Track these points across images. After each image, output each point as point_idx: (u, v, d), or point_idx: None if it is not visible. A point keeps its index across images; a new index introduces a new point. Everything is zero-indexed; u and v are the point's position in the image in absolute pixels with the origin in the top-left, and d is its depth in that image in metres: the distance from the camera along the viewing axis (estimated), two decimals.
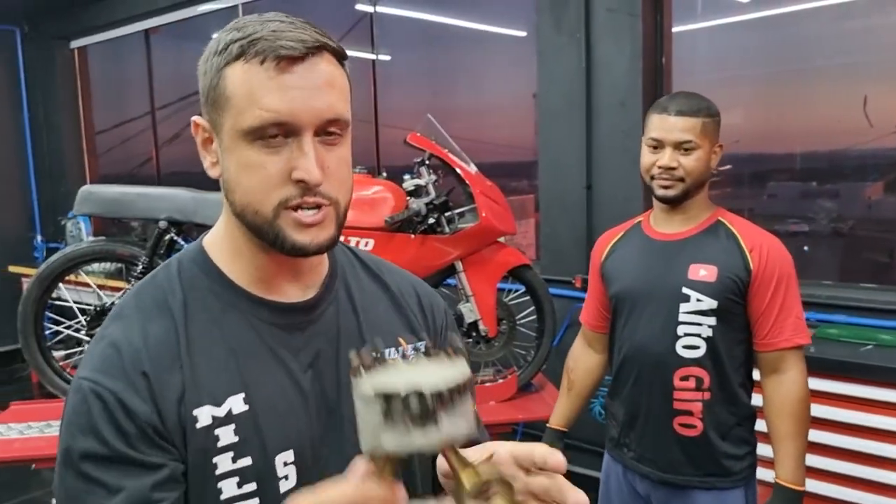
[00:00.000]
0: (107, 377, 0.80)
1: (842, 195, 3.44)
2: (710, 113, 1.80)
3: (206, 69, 0.84)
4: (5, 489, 4.13)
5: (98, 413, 0.79)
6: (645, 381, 1.87)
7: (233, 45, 0.82)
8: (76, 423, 0.79)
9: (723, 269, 1.77)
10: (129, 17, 5.94)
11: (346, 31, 5.27)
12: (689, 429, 1.82)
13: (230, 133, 0.82)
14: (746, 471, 1.84)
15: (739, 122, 3.66)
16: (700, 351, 1.79)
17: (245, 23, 0.84)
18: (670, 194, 1.81)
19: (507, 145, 4.90)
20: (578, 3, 3.50)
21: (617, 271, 1.95)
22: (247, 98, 0.80)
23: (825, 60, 3.38)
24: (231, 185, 0.84)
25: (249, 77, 0.80)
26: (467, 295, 2.82)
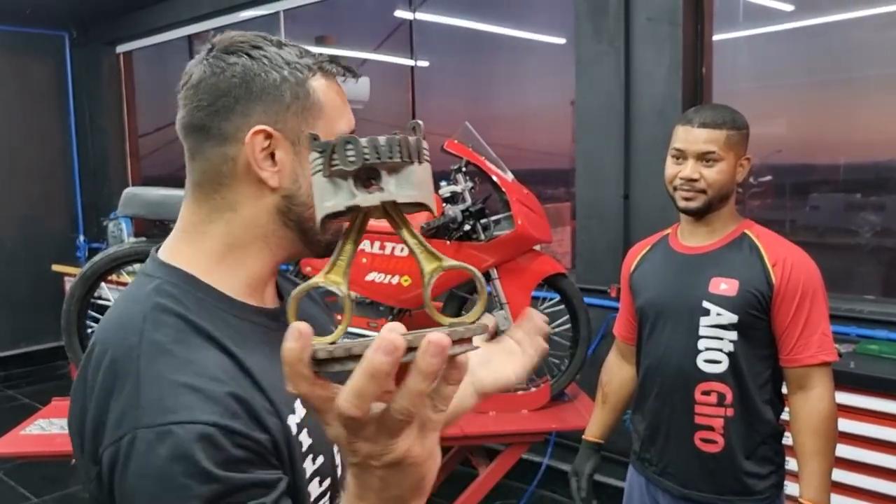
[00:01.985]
0: (196, 412, 0.75)
1: (887, 208, 3.37)
2: (735, 125, 1.78)
3: (279, 80, 0.86)
4: (47, 483, 4.23)
5: (202, 454, 0.73)
6: (667, 395, 1.86)
7: (306, 59, 0.88)
8: (178, 476, 0.72)
9: (744, 283, 1.75)
10: (173, 23, 6.06)
11: (385, 37, 5.32)
12: (710, 444, 1.80)
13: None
14: (770, 490, 1.80)
15: (781, 132, 3.61)
16: (722, 366, 1.77)
17: (279, 39, 0.89)
18: (692, 206, 1.80)
19: (544, 152, 4.90)
20: (618, 11, 3.49)
21: (643, 284, 1.96)
22: (338, 108, 0.89)
23: (870, 70, 3.32)
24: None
25: (333, 90, 0.89)
26: (502, 303, 2.82)
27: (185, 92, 0.88)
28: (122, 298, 0.89)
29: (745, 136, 1.80)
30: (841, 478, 2.58)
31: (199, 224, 0.89)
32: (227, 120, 0.86)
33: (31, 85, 6.68)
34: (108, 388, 0.79)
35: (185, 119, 0.88)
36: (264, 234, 0.89)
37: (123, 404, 0.77)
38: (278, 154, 0.87)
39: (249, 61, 0.86)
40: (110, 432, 0.77)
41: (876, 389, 2.53)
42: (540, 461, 3.46)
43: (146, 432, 0.74)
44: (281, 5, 5.33)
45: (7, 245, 6.56)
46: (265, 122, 0.86)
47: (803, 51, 3.54)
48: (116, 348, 0.81)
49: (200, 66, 0.88)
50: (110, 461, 0.76)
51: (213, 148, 0.87)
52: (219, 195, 0.88)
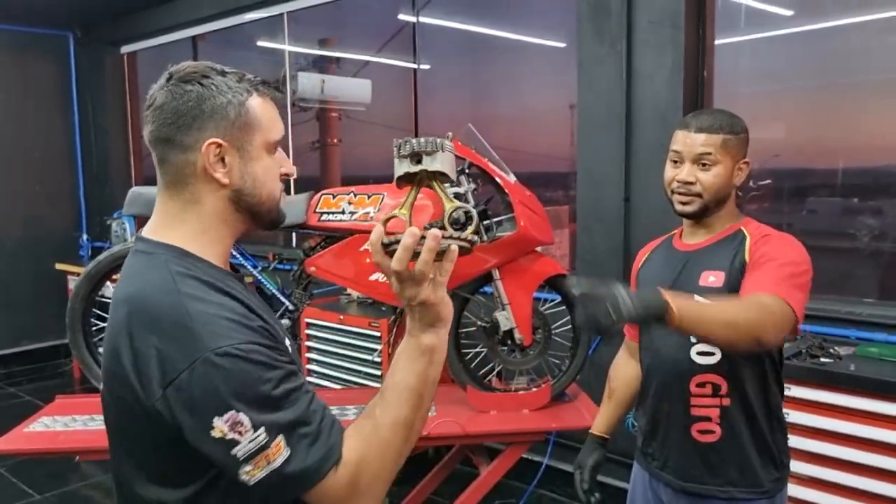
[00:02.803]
0: (245, 335, 1.05)
1: (885, 212, 3.39)
2: (733, 130, 1.79)
3: (225, 103, 1.12)
4: (49, 480, 4.24)
5: (260, 356, 1.04)
6: (664, 389, 1.89)
7: (244, 83, 1.15)
8: (250, 374, 1.02)
9: (729, 273, 1.77)
10: (177, 24, 6.08)
11: (388, 39, 5.34)
12: (707, 434, 1.82)
13: (259, 146, 1.16)
14: (770, 484, 1.81)
15: (781, 136, 3.63)
16: (715, 357, 1.79)
17: (222, 68, 1.16)
18: (688, 210, 1.82)
19: (543, 155, 4.91)
20: (620, 14, 3.51)
21: (645, 281, 2.00)
22: (271, 120, 1.18)
23: (870, 75, 3.34)
24: (259, 182, 1.17)
25: (267, 106, 1.18)
26: (504, 303, 2.84)
27: (152, 112, 1.14)
28: (137, 269, 1.14)
29: (743, 140, 1.82)
30: (842, 480, 2.61)
31: (178, 214, 1.16)
32: (186, 134, 1.12)
33: (35, 84, 6.70)
34: (156, 332, 1.04)
35: (154, 133, 1.14)
36: (224, 218, 1.17)
37: (179, 342, 1.02)
38: (227, 159, 1.14)
39: (201, 88, 1.12)
40: (176, 364, 1.01)
41: (876, 391, 2.55)
42: (540, 461, 3.48)
43: (211, 355, 1.01)
44: (284, 7, 5.35)
45: (10, 244, 6.58)
46: (216, 135, 1.12)
47: (803, 55, 3.57)
48: (155, 302, 1.07)
49: (162, 91, 1.13)
50: (186, 383, 1.01)
51: (177, 155, 1.13)
52: (187, 191, 1.15)
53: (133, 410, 1.07)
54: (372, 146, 6.15)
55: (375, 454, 1.10)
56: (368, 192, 2.85)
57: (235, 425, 1.01)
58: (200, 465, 1.07)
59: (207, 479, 1.09)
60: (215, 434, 1.01)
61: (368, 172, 6.18)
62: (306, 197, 2.92)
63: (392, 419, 1.11)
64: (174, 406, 1.02)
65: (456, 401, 2.89)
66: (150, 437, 1.08)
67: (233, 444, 1.01)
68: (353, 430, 1.11)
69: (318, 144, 6.20)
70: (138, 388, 1.04)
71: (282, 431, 1.03)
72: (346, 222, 2.84)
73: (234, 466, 1.02)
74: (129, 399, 1.06)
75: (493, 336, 2.88)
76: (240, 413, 1.01)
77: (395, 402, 1.11)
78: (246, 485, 1.04)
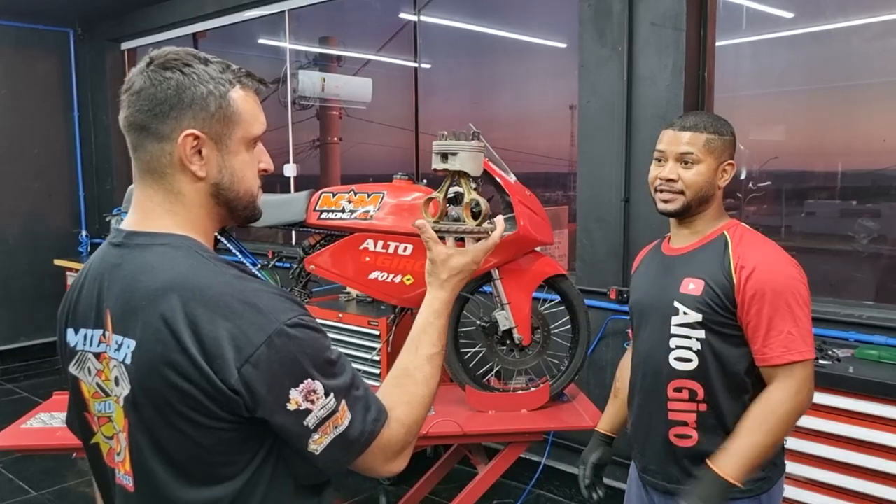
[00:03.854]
0: (300, 309, 1.08)
1: (883, 215, 3.40)
2: (717, 131, 1.81)
3: (205, 93, 1.09)
4: (45, 477, 4.24)
5: (316, 324, 1.10)
6: (646, 393, 1.92)
7: (227, 74, 1.12)
8: (318, 341, 1.08)
9: (708, 282, 1.78)
10: (178, 20, 6.08)
11: (389, 38, 5.34)
12: (684, 439, 1.84)
13: (239, 140, 1.13)
14: (751, 484, 1.79)
15: (780, 138, 3.64)
16: (692, 364, 1.81)
17: (206, 56, 1.13)
18: (669, 208, 1.85)
19: (543, 156, 4.92)
20: (622, 15, 3.51)
21: (635, 285, 2.04)
22: (253, 115, 1.14)
23: (869, 78, 3.35)
24: (236, 177, 1.14)
25: (250, 99, 1.14)
26: (503, 303, 2.84)
27: (129, 97, 1.10)
28: (161, 260, 1.09)
29: (728, 142, 1.83)
30: (841, 482, 2.61)
31: (163, 204, 1.12)
32: (163, 123, 1.08)
33: (35, 80, 6.69)
34: (221, 313, 1.02)
35: (130, 119, 1.10)
36: (207, 211, 1.15)
37: (249, 319, 1.03)
38: (205, 151, 1.10)
39: (182, 76, 1.08)
40: (251, 340, 1.02)
41: (875, 394, 2.55)
42: (538, 461, 3.48)
43: (284, 327, 1.03)
44: (286, 5, 5.35)
45: (9, 239, 6.57)
46: (194, 126, 1.09)
47: (804, 57, 3.57)
48: (209, 284, 1.05)
49: (141, 76, 1.09)
50: (264, 357, 1.02)
51: (152, 144, 1.10)
52: (166, 182, 1.11)
53: (192, 399, 1.02)
54: (372, 145, 6.16)
55: (419, 408, 1.19)
56: (368, 191, 2.84)
57: (310, 394, 1.04)
58: (251, 451, 1.08)
59: (254, 467, 1.09)
60: (290, 406, 1.03)
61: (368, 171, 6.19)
62: (306, 195, 2.92)
63: (425, 375, 1.21)
64: (252, 383, 1.01)
65: (454, 400, 2.89)
66: (207, 426, 1.03)
67: (306, 414, 1.04)
68: (396, 388, 1.20)
69: (319, 143, 6.20)
70: (210, 372, 1.01)
71: (344, 396, 1.08)
72: (346, 221, 2.84)
73: (305, 437, 1.05)
74: (190, 387, 1.01)
75: (492, 336, 2.88)
76: (315, 381, 1.05)
77: (426, 358, 1.22)
78: (313, 455, 1.07)
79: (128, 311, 1.07)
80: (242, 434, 1.06)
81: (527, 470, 3.59)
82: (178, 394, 1.03)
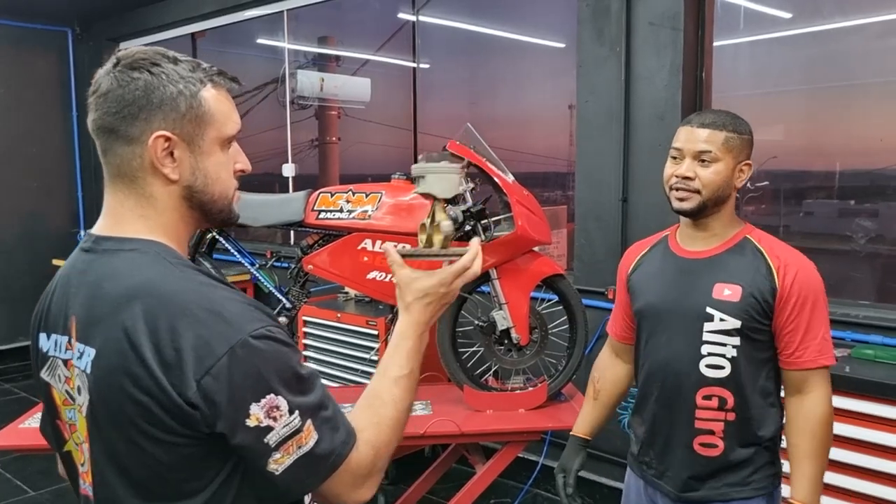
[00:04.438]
0: (269, 319, 1.04)
1: (881, 214, 3.40)
2: (736, 129, 1.77)
3: (175, 93, 1.05)
4: (43, 477, 4.24)
5: (286, 337, 1.05)
6: (667, 399, 1.86)
7: (198, 73, 1.08)
8: (285, 355, 1.03)
9: (748, 287, 1.74)
10: (177, 20, 6.08)
11: (388, 38, 5.34)
12: (710, 448, 1.80)
13: (212, 141, 1.09)
14: (766, 480, 1.81)
15: (779, 138, 3.64)
16: (724, 371, 1.77)
17: (175, 55, 1.08)
18: (685, 206, 1.78)
19: (541, 155, 4.92)
20: (620, 15, 3.52)
21: (641, 287, 1.94)
22: (226, 114, 1.10)
23: (868, 78, 3.35)
24: (210, 179, 1.10)
25: (222, 98, 1.10)
26: (501, 303, 2.84)
27: (96, 99, 1.06)
28: (127, 266, 1.05)
29: (746, 141, 1.79)
30: (837, 481, 2.61)
31: (135, 209, 1.09)
32: (132, 125, 1.04)
33: (33, 80, 6.69)
34: (184, 321, 0.98)
35: (98, 122, 1.07)
36: (181, 215, 1.11)
37: (212, 328, 0.98)
38: (177, 153, 1.07)
39: (150, 76, 1.04)
40: (213, 350, 0.97)
41: (871, 393, 2.56)
42: (535, 460, 3.48)
43: (248, 338, 0.99)
44: (284, 5, 5.35)
45: (8, 239, 6.57)
46: (165, 127, 1.05)
47: (803, 57, 3.58)
48: (174, 291, 1.01)
49: (108, 77, 1.05)
50: (225, 369, 0.97)
51: (121, 147, 1.06)
52: (138, 186, 1.08)
53: (150, 413, 0.98)
54: (371, 145, 6.16)
55: (387, 430, 1.14)
56: (367, 191, 2.85)
57: (272, 410, 0.99)
58: (213, 469, 1.03)
59: (216, 486, 1.04)
60: (250, 422, 0.98)
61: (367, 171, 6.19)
62: (304, 195, 2.92)
63: (393, 397, 1.16)
64: (211, 396, 0.97)
65: (452, 400, 2.89)
66: (166, 441, 1.00)
67: (266, 431, 0.99)
68: (365, 410, 1.15)
69: (317, 142, 6.20)
70: (167, 384, 0.97)
71: (311, 415, 1.03)
72: (345, 220, 2.84)
73: (265, 455, 1.00)
74: (148, 400, 0.98)
75: (489, 335, 2.88)
76: (278, 396, 0.99)
77: (393, 381, 1.17)
78: (272, 475, 1.01)
79: (91, 319, 1.05)
80: (203, 451, 1.01)
81: (524, 469, 3.59)
82: (137, 407, 0.99)
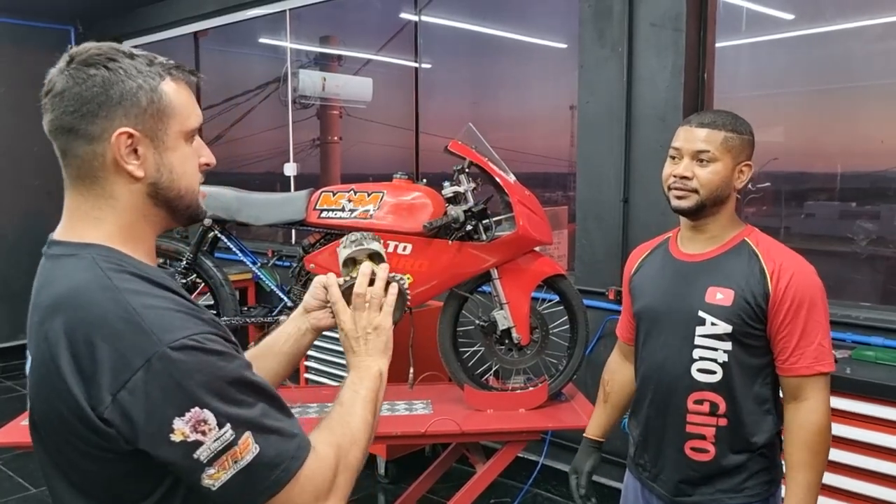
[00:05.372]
0: (198, 326, 0.97)
1: (882, 217, 3.40)
2: (735, 129, 1.75)
3: (135, 88, 1.01)
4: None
5: (220, 346, 0.98)
6: (660, 403, 1.85)
7: (156, 67, 1.04)
8: (212, 365, 0.95)
9: (740, 292, 1.72)
10: (179, 19, 6.09)
11: (389, 38, 5.35)
12: (700, 453, 1.79)
13: (176, 135, 1.05)
14: (760, 487, 1.79)
15: (780, 139, 3.64)
16: (716, 376, 1.76)
17: (131, 50, 1.05)
18: (683, 205, 1.76)
19: (542, 156, 4.92)
20: (622, 16, 3.52)
21: (641, 288, 1.94)
22: (188, 107, 1.07)
23: (869, 80, 3.35)
24: (176, 175, 1.07)
25: (183, 91, 1.07)
26: (502, 302, 2.84)
27: (51, 100, 1.02)
28: (60, 273, 1.02)
29: (746, 142, 1.77)
30: (837, 483, 2.61)
31: (91, 211, 1.04)
32: (92, 123, 1.00)
33: (35, 78, 6.47)
34: (100, 333, 0.93)
35: (55, 122, 1.02)
36: (144, 214, 1.07)
37: (128, 340, 0.93)
38: (140, 149, 1.03)
39: (107, 72, 1.01)
40: (129, 364, 0.92)
41: (872, 395, 2.56)
42: (536, 460, 3.49)
43: (166, 349, 0.92)
44: (286, 4, 5.36)
45: (9, 238, 6.58)
46: (126, 124, 1.01)
47: (804, 59, 3.58)
48: (93, 301, 0.96)
49: (62, 76, 1.01)
50: (141, 383, 0.91)
51: (82, 147, 1.02)
52: (98, 186, 1.04)
53: (73, 428, 0.95)
54: (372, 144, 6.16)
55: (348, 447, 1.10)
56: (368, 190, 2.85)
57: (199, 424, 0.93)
58: (150, 484, 0.99)
59: (158, 498, 1.00)
60: (175, 438, 0.92)
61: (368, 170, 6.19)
62: (306, 194, 2.93)
63: (359, 419, 1.15)
64: (128, 411, 0.92)
65: (453, 399, 2.90)
66: (94, 455, 0.97)
67: (195, 447, 0.93)
68: (324, 428, 1.11)
69: (319, 142, 6.20)
70: (82, 399, 0.93)
71: (249, 427, 0.96)
72: (346, 220, 2.84)
73: (197, 472, 0.94)
74: (69, 415, 0.95)
75: (490, 335, 2.89)
76: (204, 410, 0.93)
77: (356, 409, 1.17)
78: (209, 491, 0.95)
79: (30, 327, 1.04)
80: (133, 467, 0.97)
81: (524, 469, 3.59)
82: (60, 420, 0.97)
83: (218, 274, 3.03)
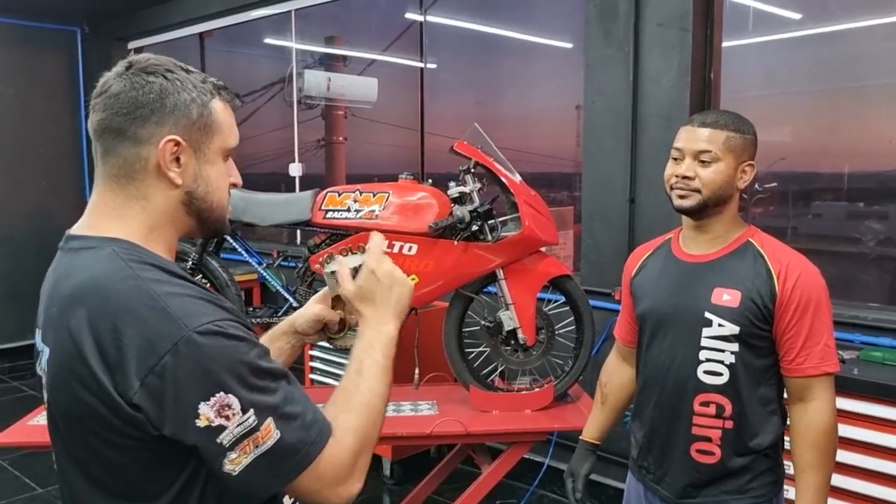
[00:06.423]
0: (220, 313, 1.01)
1: (890, 217, 3.39)
2: (738, 129, 1.74)
3: (188, 100, 1.07)
4: (52, 474, 4.24)
5: (240, 332, 1.01)
6: (665, 405, 1.84)
7: (208, 84, 1.11)
8: (236, 350, 0.99)
9: (747, 293, 1.72)
10: (185, 20, 6.09)
11: (395, 38, 5.35)
12: (706, 455, 1.78)
13: (216, 150, 1.12)
14: (765, 488, 1.78)
15: (787, 139, 3.63)
16: (722, 378, 1.75)
17: (186, 66, 1.11)
18: (685, 205, 1.76)
19: (548, 156, 4.92)
20: (628, 16, 3.51)
21: (643, 290, 1.92)
22: (230, 127, 1.14)
23: (877, 79, 3.34)
24: (211, 187, 1.12)
25: (228, 111, 1.14)
26: (507, 303, 2.84)
27: (105, 100, 1.07)
28: (80, 265, 1.05)
29: (749, 141, 1.76)
30: (845, 484, 2.60)
31: (118, 208, 1.08)
32: (142, 127, 1.05)
33: (42, 79, 6.71)
34: (125, 321, 0.96)
35: (104, 122, 1.07)
36: (173, 219, 1.11)
37: (154, 326, 0.96)
38: (183, 158, 1.08)
39: (166, 82, 1.07)
40: (156, 349, 0.95)
41: (879, 396, 2.54)
42: (541, 461, 3.48)
43: (192, 334, 0.96)
44: (292, 5, 5.36)
45: (16, 238, 6.59)
46: (175, 132, 1.06)
47: (812, 58, 3.56)
48: (117, 290, 0.99)
49: (120, 80, 1.07)
50: (170, 367, 0.94)
51: (127, 148, 1.06)
52: (133, 187, 1.07)
53: (100, 416, 0.98)
54: (377, 145, 6.16)
55: (368, 429, 1.11)
56: (374, 191, 2.85)
57: (223, 409, 0.95)
58: (171, 474, 1.02)
59: (179, 487, 1.03)
60: (200, 423, 0.95)
61: (373, 170, 6.20)
62: (311, 194, 2.93)
63: (378, 396, 1.14)
64: (157, 396, 0.95)
65: (458, 400, 2.89)
66: (118, 444, 0.99)
67: (219, 431, 0.96)
68: (343, 408, 1.11)
69: (324, 142, 6.21)
70: (109, 386, 0.96)
71: (271, 413, 0.99)
72: (352, 220, 2.84)
73: (220, 456, 0.97)
74: (96, 404, 0.97)
75: (496, 336, 2.89)
76: (228, 395, 0.96)
77: (373, 383, 1.14)
78: (229, 477, 0.98)
79: (49, 318, 1.06)
80: (157, 454, 1.00)
81: (530, 470, 3.58)
82: (85, 408, 0.99)
83: (224, 274, 3.03)
